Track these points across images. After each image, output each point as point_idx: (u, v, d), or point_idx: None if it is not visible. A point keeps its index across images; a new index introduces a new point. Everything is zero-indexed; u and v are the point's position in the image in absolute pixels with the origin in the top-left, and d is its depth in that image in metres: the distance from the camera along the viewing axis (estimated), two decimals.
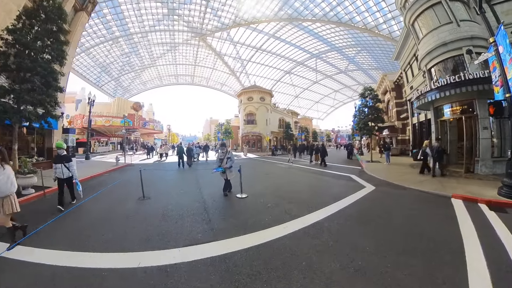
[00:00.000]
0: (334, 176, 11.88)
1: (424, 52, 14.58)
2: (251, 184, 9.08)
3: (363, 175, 11.66)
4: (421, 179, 9.82)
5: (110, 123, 42.54)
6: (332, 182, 10.07)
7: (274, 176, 12.28)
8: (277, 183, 9.77)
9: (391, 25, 29.50)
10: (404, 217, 5.41)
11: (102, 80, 55.19)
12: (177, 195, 7.79)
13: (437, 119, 14.01)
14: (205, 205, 6.45)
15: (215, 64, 57.34)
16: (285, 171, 14.18)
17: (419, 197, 7.27)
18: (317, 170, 14.20)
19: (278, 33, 42.42)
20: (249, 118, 43.20)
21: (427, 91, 13.00)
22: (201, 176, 12.03)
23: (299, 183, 10.03)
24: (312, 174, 12.60)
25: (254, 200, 6.96)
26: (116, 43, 44.56)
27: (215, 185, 8.74)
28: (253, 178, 11.13)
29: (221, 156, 7.66)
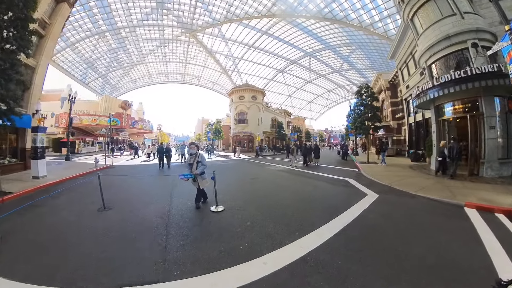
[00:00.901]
0: (330, 180, 10.67)
1: (425, 47, 13.78)
2: (232, 193, 7.93)
3: (362, 179, 10.67)
4: (425, 184, 8.95)
5: (97, 122, 41.15)
6: (327, 189, 8.85)
7: (261, 181, 10.82)
8: (263, 191, 8.46)
9: (386, 23, 28.93)
10: (422, 240, 4.23)
11: (88, 77, 53.23)
12: (143, 205, 6.61)
13: (438, 118, 13.21)
14: (169, 221, 5.25)
15: (207, 62, 56.04)
16: (275, 175, 12.73)
17: (430, 207, 6.31)
18: (311, 174, 12.90)
19: (271, 30, 41.45)
20: (240, 118, 42.09)
21: (428, 88, 12.18)
22: (178, 181, 10.81)
23: (289, 190, 8.61)
24: (304, 179, 11.21)
25: (231, 215, 5.66)
26: (102, 37, 42.94)
27: (191, 193, 7.56)
28: (236, 185, 9.86)
29: (190, 160, 6.39)
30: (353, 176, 11.72)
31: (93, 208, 6.20)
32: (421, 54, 14.36)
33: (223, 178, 10.80)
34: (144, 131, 57.24)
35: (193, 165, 6.25)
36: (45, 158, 11.81)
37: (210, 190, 6.54)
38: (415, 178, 10.27)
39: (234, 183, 10.02)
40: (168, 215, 5.61)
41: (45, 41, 15.47)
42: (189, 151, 6.46)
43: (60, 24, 16.85)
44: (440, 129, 13.06)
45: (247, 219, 5.36)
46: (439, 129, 13.14)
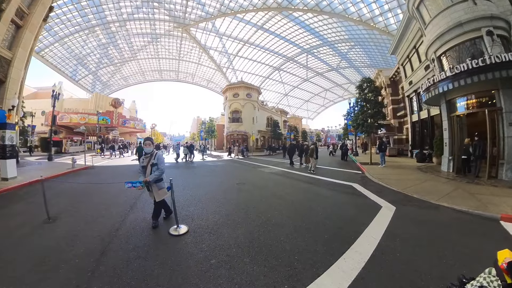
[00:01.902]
0: (332, 186, 8.99)
1: (434, 36, 12.53)
2: (207, 205, 6.25)
3: (369, 184, 9.19)
4: (444, 189, 7.63)
5: (86, 120, 39.76)
6: (331, 199, 6.99)
7: (249, 188, 8.61)
8: (248, 202, 6.47)
9: (387, 18, 27.72)
10: None
11: (79, 74, 51.64)
12: (92, 218, 5.25)
13: (451, 114, 11.93)
14: (108, 247, 3.79)
15: (200, 59, 54.45)
16: (266, 180, 10.74)
17: (461, 223, 4.91)
18: (309, 177, 11.16)
19: (266, 25, 39.92)
20: (234, 116, 40.65)
21: (440, 80, 10.91)
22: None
23: (282, 201, 6.68)
24: (302, 184, 9.42)
25: (194, 242, 3.97)
26: (92, 32, 41.40)
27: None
28: (216, 193, 7.83)
29: (143, 161, 4.77)
30: (357, 180, 10.28)
31: (37, 219, 5.09)
32: (429, 44, 13.11)
33: (203, 183, 9.56)
34: (136, 130, 55.57)
35: (146, 169, 4.67)
36: (15, 158, 11.06)
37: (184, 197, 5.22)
38: (430, 182, 8.95)
39: (214, 190, 8.20)
40: (113, 237, 4.21)
41: (22, 32, 14.31)
42: (144, 149, 4.79)
43: (40, 14, 15.53)
44: (453, 126, 11.79)
45: (216, 251, 3.62)
46: (452, 126, 11.87)
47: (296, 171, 13.59)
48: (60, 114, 39.91)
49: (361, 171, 12.88)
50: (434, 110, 17.24)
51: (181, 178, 11.00)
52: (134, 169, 15.50)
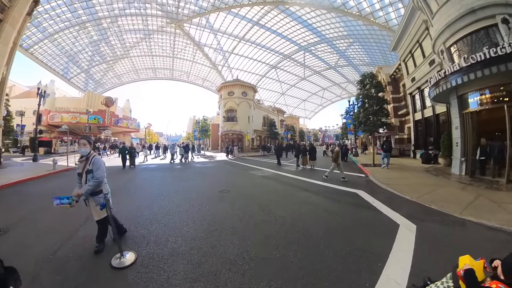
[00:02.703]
0: (334, 194, 7.47)
1: (443, 25, 11.42)
2: (173, 222, 4.89)
3: (377, 191, 7.82)
4: (465, 197, 6.47)
5: (78, 120, 38.83)
6: (333, 215, 5.38)
7: (232, 197, 7.11)
8: (224, 222, 4.88)
9: (388, 12, 26.64)
10: None
11: (70, 72, 50.13)
12: (45, 231, 4.43)
13: (462, 111, 10.80)
14: (35, 277, 2.86)
15: (195, 56, 53.14)
16: (256, 185, 9.26)
17: (500, 243, 3.80)
18: (306, 183, 9.64)
19: (262, 20, 38.68)
20: (229, 115, 39.34)
21: (451, 72, 9.79)
22: (127, 188, 8.59)
23: (269, 221, 4.97)
24: (297, 193, 7.83)
25: (137, 281, 2.84)
26: (83, 28, 39.96)
27: (125, 211, 5.56)
28: (190, 204, 6.26)
29: (78, 168, 3.65)
30: (362, 185, 8.96)
31: None
32: (437, 34, 12.00)
33: (182, 190, 8.22)
34: (130, 130, 54.08)
35: (82, 177, 3.53)
36: None
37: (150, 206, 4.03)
38: (445, 188, 7.77)
39: (190, 200, 6.66)
40: (47, 261, 3.26)
41: (2, 26, 13.51)
42: (79, 151, 3.62)
43: (23, 7, 14.59)
44: (465, 125, 10.66)
45: None
46: (464, 124, 10.74)
47: (292, 175, 12.08)
48: (51, 113, 38.91)
49: (364, 174, 11.66)
50: (439, 108, 16.20)
51: (160, 182, 9.86)
52: (116, 169, 14.81)
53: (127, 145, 17.30)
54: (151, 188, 8.52)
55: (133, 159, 16.15)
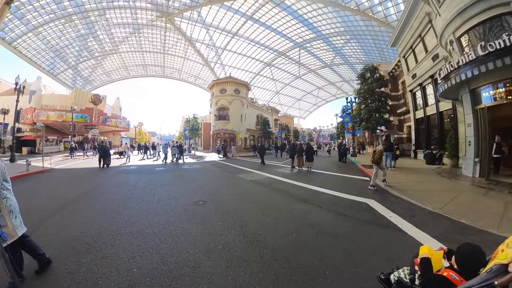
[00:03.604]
0: (339, 207, 5.97)
1: (454, 12, 10.47)
2: (114, 252, 3.59)
3: (390, 200, 6.57)
4: (493, 205, 5.50)
5: (64, 118, 37.01)
6: (343, 242, 3.93)
7: (207, 214, 5.46)
8: (189, 251, 3.65)
9: (387, 7, 25.77)
10: None
11: (57, 67, 47.89)
12: None
13: (476, 106, 9.86)
14: None
15: (186, 53, 51.62)
16: (241, 194, 7.71)
17: None
18: (305, 190, 8.21)
19: (257, 14, 37.46)
20: (221, 113, 38.14)
21: (466, 62, 8.85)
22: (88, 196, 7.37)
23: (253, 256, 3.48)
24: (294, 204, 6.41)
25: None
26: (69, 21, 38.10)
27: (67, 229, 4.54)
28: (150, 223, 4.85)
29: None
30: (370, 192, 7.65)
31: None
32: (447, 23, 11.05)
33: (152, 199, 6.89)
34: (119, 129, 52.39)
35: None
36: None
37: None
38: (465, 194, 6.71)
39: (150, 218, 5.15)
40: None
41: None
42: None
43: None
44: (479, 122, 9.71)
45: None
46: (477, 121, 9.80)
47: (287, 179, 10.56)
48: (36, 111, 37.23)
49: (368, 177, 10.43)
50: (443, 105, 15.36)
51: (130, 189, 8.45)
52: (90, 171, 13.69)
53: (105, 145, 17.06)
54: (116, 197, 7.18)
55: (107, 158, 15.86)
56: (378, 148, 8.86)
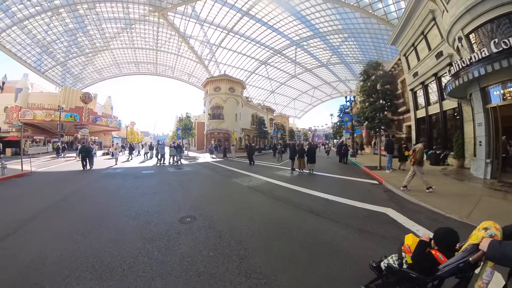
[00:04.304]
0: (356, 220, 5.18)
1: (462, 9, 10.15)
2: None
3: (409, 208, 5.94)
4: None
5: (52, 117, 36.17)
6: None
7: (196, 233, 4.53)
8: None
9: (387, 5, 25.64)
10: None
11: (44, 64, 46.70)
12: None
13: (486, 105, 9.60)
14: None
15: (180, 49, 50.86)
16: (240, 206, 6.41)
17: None
18: (310, 197, 7.39)
19: (253, 10, 36.95)
20: (215, 112, 37.49)
21: (478, 59, 8.57)
22: (57, 208, 6.40)
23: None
24: (302, 217, 5.46)
25: None
26: (57, 14, 37.00)
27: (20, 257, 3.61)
28: (117, 254, 3.72)
29: None
30: (384, 199, 7.00)
31: None
32: (455, 20, 10.73)
33: (124, 213, 5.78)
34: (109, 129, 51.52)
35: None
36: None
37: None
38: (485, 198, 6.25)
39: (120, 245, 4.02)
40: None
41: None
42: None
43: None
44: (490, 121, 9.45)
45: None
46: (488, 120, 9.53)
47: (288, 184, 9.61)
48: (22, 110, 36.23)
49: (376, 180, 10.04)
50: (447, 104, 15.13)
51: (109, 197, 7.55)
52: (74, 176, 12.60)
53: (87, 145, 17.00)
54: (88, 210, 6.09)
55: (90, 159, 15.67)
56: (418, 146, 7.84)
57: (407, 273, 2.08)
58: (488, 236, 1.59)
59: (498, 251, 1.43)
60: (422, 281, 1.97)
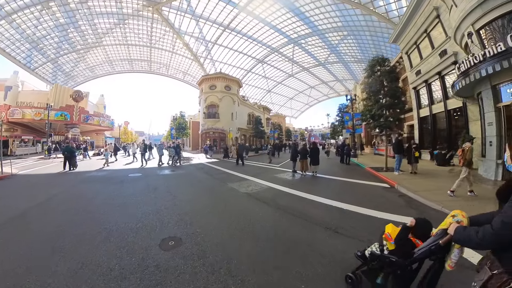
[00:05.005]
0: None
1: (473, 4, 9.88)
2: None
3: (429, 214, 5.46)
4: None
5: (42, 116, 35.05)
6: None
7: (181, 268, 3.37)
8: None
9: (389, 3, 25.43)
10: None
11: (34, 61, 45.25)
12: None
13: (498, 103, 9.33)
14: None
15: (175, 46, 50.01)
16: (240, 222, 5.30)
17: None
18: (321, 205, 6.59)
19: (250, 6, 36.33)
20: (210, 111, 36.87)
21: (492, 55, 8.28)
22: (23, 217, 5.64)
23: None
24: (319, 235, 4.53)
25: None
26: (47, 8, 35.80)
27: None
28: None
29: None
30: (402, 205, 6.54)
31: None
32: (465, 15, 10.46)
33: (92, 231, 4.75)
34: (102, 128, 50.57)
35: None
36: None
37: None
38: None
39: (74, 278, 3.12)
40: None
41: None
42: None
43: None
44: (502, 120, 9.20)
45: None
46: (500, 119, 9.27)
47: (293, 189, 8.62)
48: (11, 109, 35.15)
49: (386, 184, 9.47)
50: (452, 103, 14.95)
51: (82, 207, 6.59)
52: (55, 179, 11.78)
53: (71, 145, 16.67)
54: (48, 228, 5.00)
55: (71, 159, 15.29)
56: (467, 145, 7.23)
57: (388, 257, 2.32)
58: (455, 222, 1.82)
59: (462, 235, 1.66)
60: (401, 263, 2.20)
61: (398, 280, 2.27)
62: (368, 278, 2.63)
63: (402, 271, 2.22)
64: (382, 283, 2.44)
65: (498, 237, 1.44)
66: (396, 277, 2.28)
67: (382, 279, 2.45)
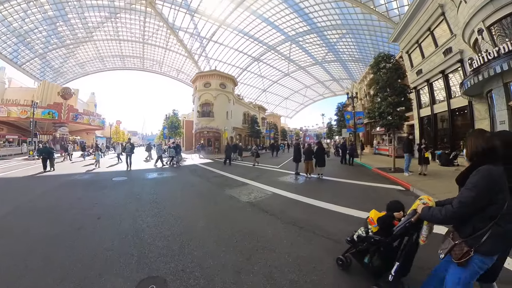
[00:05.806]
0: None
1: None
2: None
3: None
4: None
5: (28, 114, 33.91)
6: None
7: None
8: None
9: (390, 1, 25.44)
10: None
11: (21, 56, 44.00)
12: None
13: (510, 102, 9.21)
14: None
15: (168, 42, 49.21)
16: (242, 239, 4.24)
17: None
18: (339, 215, 5.65)
19: (248, 1, 35.98)
20: (204, 109, 36.10)
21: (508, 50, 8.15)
22: None
23: None
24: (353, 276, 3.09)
25: None
26: (34, 0, 34.75)
27: None
28: None
29: None
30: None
31: None
32: (475, 11, 10.38)
33: (45, 271, 3.16)
34: (92, 127, 49.65)
35: None
36: None
37: None
38: None
39: None
40: None
41: None
42: None
43: None
44: None
45: None
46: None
47: (301, 196, 7.52)
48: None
49: (400, 186, 9.03)
50: (455, 102, 14.90)
51: (48, 223, 5.15)
52: (31, 182, 10.62)
53: (49, 145, 16.04)
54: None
55: (51, 160, 15.13)
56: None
57: (372, 237, 2.79)
58: (422, 204, 2.20)
59: (428, 213, 2.03)
60: (383, 241, 2.64)
61: (382, 256, 2.68)
62: (357, 259, 3.03)
63: (385, 248, 2.67)
64: (369, 261, 2.82)
65: (456, 214, 1.78)
66: (380, 254, 2.70)
67: (368, 258, 2.83)
